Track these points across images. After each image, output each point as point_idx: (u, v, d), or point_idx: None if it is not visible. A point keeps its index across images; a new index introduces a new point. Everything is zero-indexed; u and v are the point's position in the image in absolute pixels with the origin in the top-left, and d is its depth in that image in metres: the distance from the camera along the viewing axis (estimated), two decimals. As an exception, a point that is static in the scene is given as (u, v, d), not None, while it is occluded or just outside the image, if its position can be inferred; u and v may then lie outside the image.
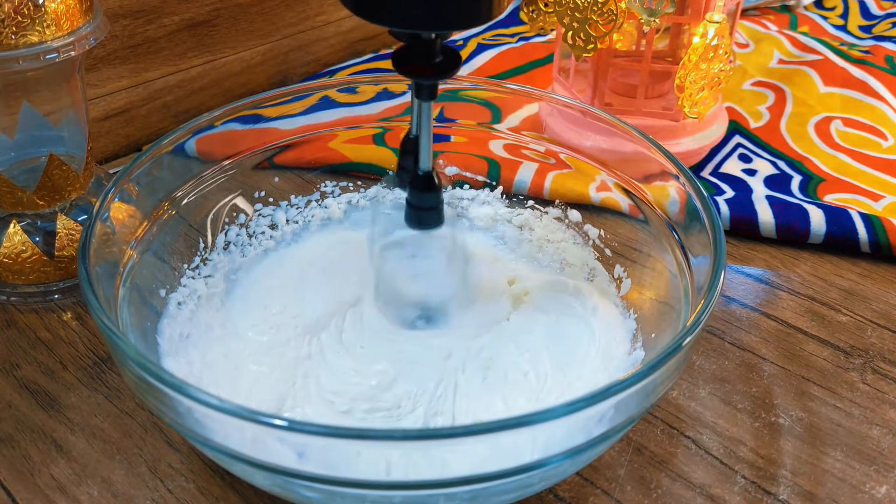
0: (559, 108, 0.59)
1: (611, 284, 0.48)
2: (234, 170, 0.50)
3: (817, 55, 0.80)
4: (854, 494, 0.40)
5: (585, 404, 0.31)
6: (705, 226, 0.40)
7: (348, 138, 0.54)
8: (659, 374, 0.33)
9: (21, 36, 0.45)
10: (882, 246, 0.56)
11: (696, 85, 0.58)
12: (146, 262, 0.44)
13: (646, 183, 0.46)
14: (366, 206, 0.54)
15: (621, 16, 0.56)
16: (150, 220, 0.45)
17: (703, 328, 0.34)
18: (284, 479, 0.33)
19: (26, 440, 0.43)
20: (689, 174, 0.42)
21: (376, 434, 0.31)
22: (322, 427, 0.30)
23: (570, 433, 0.32)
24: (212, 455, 0.35)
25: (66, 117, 0.51)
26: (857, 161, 0.66)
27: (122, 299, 0.40)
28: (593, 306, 0.46)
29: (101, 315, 0.34)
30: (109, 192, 0.41)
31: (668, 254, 0.44)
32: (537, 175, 0.54)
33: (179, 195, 0.47)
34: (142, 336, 0.41)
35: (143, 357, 0.33)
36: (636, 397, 0.33)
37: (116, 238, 0.42)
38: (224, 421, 0.31)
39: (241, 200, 0.51)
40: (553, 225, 0.52)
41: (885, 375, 0.47)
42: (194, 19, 0.69)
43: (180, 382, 0.31)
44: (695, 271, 0.40)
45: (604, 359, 0.43)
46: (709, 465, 0.42)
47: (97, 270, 0.38)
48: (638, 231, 0.47)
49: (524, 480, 0.33)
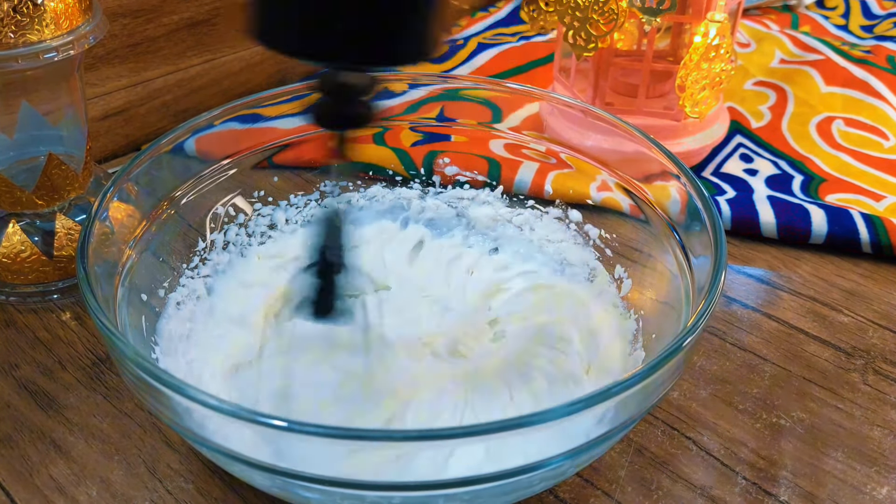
0: (560, 108, 0.59)
1: (611, 285, 0.48)
2: (234, 169, 0.50)
3: (819, 55, 0.80)
4: (855, 496, 0.40)
5: (585, 405, 0.30)
6: (706, 226, 0.39)
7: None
8: (659, 375, 0.32)
9: (20, 35, 0.44)
10: (884, 246, 0.56)
11: (697, 84, 0.58)
12: (145, 261, 0.44)
13: (647, 183, 0.46)
14: (366, 206, 0.54)
15: (622, 15, 0.56)
16: (149, 220, 0.45)
17: (703, 328, 0.34)
18: (283, 480, 0.32)
19: (25, 440, 0.43)
20: (690, 174, 0.42)
21: (375, 435, 0.31)
22: (321, 427, 0.30)
23: (570, 434, 0.32)
24: (210, 455, 0.35)
25: (65, 116, 0.51)
26: (858, 161, 0.66)
27: (120, 299, 0.40)
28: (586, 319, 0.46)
29: (99, 315, 0.34)
30: (108, 192, 0.41)
31: (668, 254, 0.43)
32: (538, 175, 0.54)
33: (178, 195, 0.47)
34: (140, 336, 0.41)
35: (142, 357, 0.32)
36: (636, 398, 0.33)
37: (115, 238, 0.42)
38: (223, 421, 0.31)
39: (240, 200, 0.51)
40: (553, 225, 0.52)
41: (886, 376, 0.47)
42: (193, 18, 0.69)
43: (179, 382, 0.31)
44: (696, 271, 0.40)
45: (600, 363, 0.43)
46: (710, 466, 0.42)
47: (96, 270, 0.38)
48: (639, 231, 0.47)
49: (524, 481, 0.33)
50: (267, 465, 0.32)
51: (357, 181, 0.54)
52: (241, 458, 0.32)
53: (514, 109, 0.54)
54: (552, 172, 0.53)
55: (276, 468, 0.32)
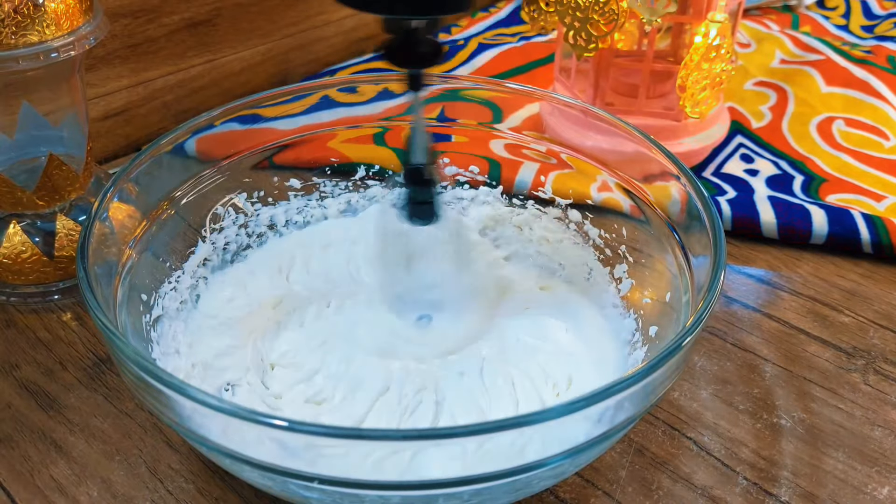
0: (560, 108, 0.59)
1: (611, 284, 0.48)
2: (233, 170, 0.50)
3: (819, 55, 0.80)
4: (856, 496, 0.40)
5: (585, 404, 0.30)
6: (706, 226, 0.39)
7: (348, 138, 0.54)
8: (658, 375, 0.32)
9: (21, 35, 0.45)
10: (884, 246, 0.56)
11: (697, 85, 0.58)
12: (145, 261, 0.44)
13: (646, 183, 0.46)
14: (365, 206, 0.54)
15: (623, 15, 0.56)
16: (149, 220, 0.45)
17: (703, 328, 0.34)
18: (283, 479, 0.32)
19: (25, 440, 0.43)
20: (690, 174, 0.42)
21: (374, 434, 0.31)
22: (321, 427, 0.30)
23: (570, 433, 0.32)
24: (210, 455, 0.35)
25: (65, 117, 0.51)
26: (859, 161, 0.66)
27: (120, 299, 0.40)
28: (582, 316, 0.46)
29: (99, 315, 0.34)
30: (108, 192, 0.41)
31: (668, 254, 0.43)
32: (538, 175, 0.54)
33: (178, 195, 0.47)
34: (141, 336, 0.41)
35: (142, 357, 0.32)
36: (636, 397, 0.33)
37: (115, 238, 0.42)
38: (223, 421, 0.31)
39: (239, 200, 0.51)
40: (553, 225, 0.52)
41: (887, 376, 0.47)
42: (194, 19, 0.69)
43: (179, 382, 0.31)
44: (695, 271, 0.40)
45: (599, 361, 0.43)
46: (710, 466, 0.42)
47: (96, 270, 0.38)
48: (638, 231, 0.47)
49: (523, 481, 0.33)
50: (266, 464, 0.32)
51: (357, 181, 0.54)
52: (240, 457, 0.32)
53: (514, 109, 0.54)
54: (553, 172, 0.53)
55: (275, 468, 0.32)
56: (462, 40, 0.82)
